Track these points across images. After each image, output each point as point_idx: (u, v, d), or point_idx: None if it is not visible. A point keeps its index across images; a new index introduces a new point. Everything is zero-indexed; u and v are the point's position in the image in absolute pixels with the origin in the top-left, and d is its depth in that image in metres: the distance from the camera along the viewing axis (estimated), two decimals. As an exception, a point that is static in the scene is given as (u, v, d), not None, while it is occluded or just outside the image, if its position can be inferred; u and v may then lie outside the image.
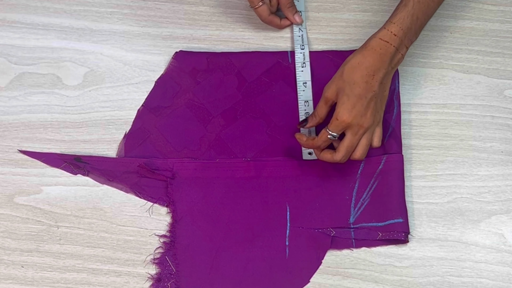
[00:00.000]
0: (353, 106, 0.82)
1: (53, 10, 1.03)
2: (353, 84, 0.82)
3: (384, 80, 0.84)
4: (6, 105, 0.97)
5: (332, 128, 0.83)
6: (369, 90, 0.82)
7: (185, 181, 0.90)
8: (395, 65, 0.85)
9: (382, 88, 0.85)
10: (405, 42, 0.85)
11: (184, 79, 0.97)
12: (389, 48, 0.83)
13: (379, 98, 0.85)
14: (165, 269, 0.86)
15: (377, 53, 0.83)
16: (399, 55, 0.85)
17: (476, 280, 0.85)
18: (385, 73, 0.84)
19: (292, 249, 0.86)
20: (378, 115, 0.85)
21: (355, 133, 0.83)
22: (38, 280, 0.86)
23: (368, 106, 0.83)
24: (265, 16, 0.96)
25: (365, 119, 0.83)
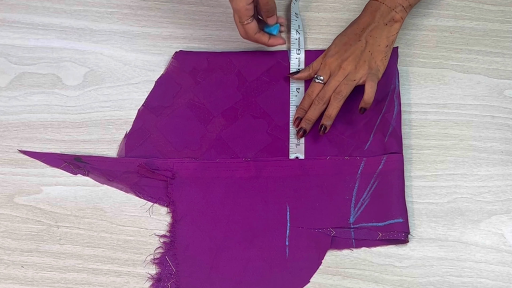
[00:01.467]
0: (336, 51, 0.92)
1: (53, 10, 1.03)
2: (344, 36, 0.93)
3: (374, 33, 0.91)
4: (6, 105, 0.97)
5: (319, 72, 0.92)
6: (355, 40, 0.92)
7: (185, 181, 0.90)
8: (388, 22, 0.91)
9: (373, 41, 0.91)
10: (399, 0, 0.92)
11: (184, 79, 0.97)
12: (379, 5, 0.92)
13: (369, 50, 0.91)
14: (165, 269, 0.86)
15: (368, 11, 0.93)
16: (392, 12, 0.92)
17: (476, 280, 0.85)
18: (375, 27, 0.91)
19: (292, 249, 0.86)
20: (366, 65, 0.90)
21: (337, 76, 0.91)
22: (38, 280, 0.86)
23: (353, 53, 0.91)
24: (251, 34, 0.92)
25: (347, 63, 0.90)
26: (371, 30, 0.91)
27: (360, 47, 0.91)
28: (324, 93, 0.91)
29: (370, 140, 0.92)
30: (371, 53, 0.91)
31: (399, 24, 0.92)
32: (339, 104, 0.90)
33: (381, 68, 0.91)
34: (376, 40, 0.91)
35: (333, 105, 0.90)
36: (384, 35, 0.92)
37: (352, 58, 0.91)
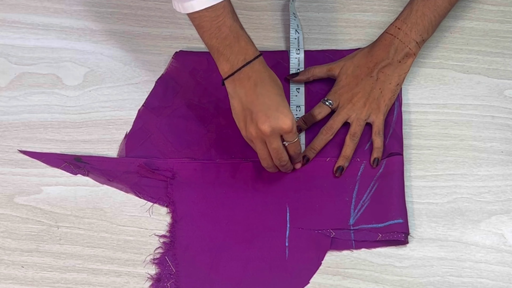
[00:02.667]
0: (347, 83, 0.91)
1: (53, 10, 1.03)
2: (357, 67, 0.91)
3: (387, 70, 0.90)
4: (6, 105, 0.97)
5: (330, 96, 0.91)
6: (367, 74, 0.90)
7: (185, 181, 0.90)
8: (402, 59, 0.90)
9: (384, 78, 0.90)
10: (412, 35, 0.90)
11: (185, 79, 0.97)
12: (392, 40, 0.91)
13: (380, 87, 0.90)
14: (165, 269, 0.86)
15: (383, 45, 0.91)
16: (405, 48, 0.90)
17: (476, 280, 0.85)
18: (388, 63, 0.90)
19: (292, 249, 0.86)
20: (375, 104, 0.90)
21: (345, 107, 0.90)
22: (38, 280, 0.86)
23: (363, 87, 0.90)
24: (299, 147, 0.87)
25: (356, 99, 0.90)
26: (383, 67, 0.90)
27: (371, 83, 0.90)
28: (333, 124, 0.90)
29: (370, 141, 0.92)
30: (381, 90, 0.90)
31: (411, 60, 0.91)
32: (355, 145, 0.90)
33: (388, 106, 0.91)
34: (387, 77, 0.90)
35: (350, 146, 0.90)
36: (396, 73, 0.91)
37: (362, 95, 0.90)
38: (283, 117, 0.81)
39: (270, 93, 0.82)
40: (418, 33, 0.90)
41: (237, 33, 0.82)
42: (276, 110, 0.81)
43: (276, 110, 0.81)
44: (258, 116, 0.81)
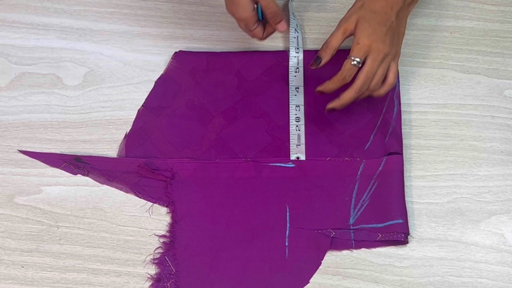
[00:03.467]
0: (373, 31, 0.85)
1: (53, 10, 1.03)
2: (374, 13, 0.86)
3: (400, 14, 0.88)
4: (6, 105, 0.97)
5: (354, 53, 0.85)
6: (388, 19, 0.86)
7: (185, 181, 0.90)
8: (410, 3, 0.89)
9: (399, 22, 0.88)
10: None
11: (184, 79, 0.97)
12: None
13: (396, 32, 0.88)
14: (165, 269, 0.86)
15: None
16: None
17: (476, 280, 0.85)
18: (401, 7, 0.87)
19: (292, 249, 0.86)
20: (395, 48, 0.88)
21: (375, 59, 0.85)
22: (38, 280, 0.86)
23: (387, 33, 0.85)
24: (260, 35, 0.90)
25: (384, 45, 0.85)
26: (398, 10, 0.88)
27: (392, 28, 0.87)
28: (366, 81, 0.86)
29: (371, 140, 0.92)
30: (398, 35, 0.89)
31: (414, 3, 0.91)
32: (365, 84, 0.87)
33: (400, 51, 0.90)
34: (401, 21, 0.89)
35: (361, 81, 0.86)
36: (406, 17, 0.90)
37: (390, 41, 0.86)
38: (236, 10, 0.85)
39: None
40: None
41: None
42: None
43: None
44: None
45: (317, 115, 0.94)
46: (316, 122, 0.93)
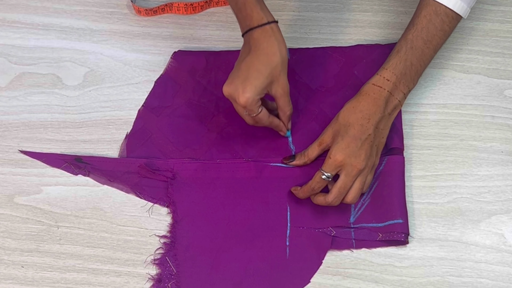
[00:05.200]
0: (347, 145, 0.82)
1: (53, 10, 1.03)
2: (348, 126, 0.84)
3: (380, 125, 0.85)
4: (6, 105, 0.97)
5: (325, 167, 0.83)
6: (364, 132, 0.83)
7: (186, 182, 0.90)
8: (392, 111, 0.86)
9: (379, 134, 0.85)
10: (400, 87, 0.86)
11: (184, 79, 0.97)
12: (382, 92, 0.85)
13: (375, 144, 0.85)
14: (166, 270, 0.86)
15: (371, 98, 0.84)
16: (395, 100, 0.86)
17: (476, 280, 0.85)
18: (381, 118, 0.84)
19: (293, 249, 0.86)
20: (372, 160, 0.84)
21: (348, 174, 0.83)
22: (38, 280, 0.86)
23: (362, 147, 0.83)
24: (265, 120, 0.87)
25: (358, 160, 0.82)
26: (377, 122, 0.84)
27: (369, 140, 0.83)
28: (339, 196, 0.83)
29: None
30: (377, 147, 0.85)
31: (397, 111, 0.87)
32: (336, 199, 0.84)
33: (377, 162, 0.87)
34: (381, 132, 0.85)
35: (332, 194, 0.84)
36: (387, 127, 0.86)
37: (365, 156, 0.83)
38: (241, 90, 0.82)
39: (251, 64, 0.82)
40: (406, 84, 0.86)
41: None
42: (242, 82, 0.82)
43: (242, 81, 0.82)
44: (228, 78, 0.84)
45: (317, 113, 0.94)
46: (316, 120, 0.93)
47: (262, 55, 0.82)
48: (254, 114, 0.85)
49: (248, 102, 0.82)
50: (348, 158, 0.82)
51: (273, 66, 0.82)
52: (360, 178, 0.83)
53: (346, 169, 0.83)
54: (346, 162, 0.82)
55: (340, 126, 0.84)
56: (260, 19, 0.82)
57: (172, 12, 1.02)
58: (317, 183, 0.84)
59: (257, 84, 0.82)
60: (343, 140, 0.83)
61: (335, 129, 0.85)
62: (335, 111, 0.93)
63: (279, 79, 0.84)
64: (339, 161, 0.82)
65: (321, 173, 0.84)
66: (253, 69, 0.82)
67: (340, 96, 0.95)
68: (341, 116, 0.85)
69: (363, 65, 0.97)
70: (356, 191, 0.84)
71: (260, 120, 0.86)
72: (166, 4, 1.01)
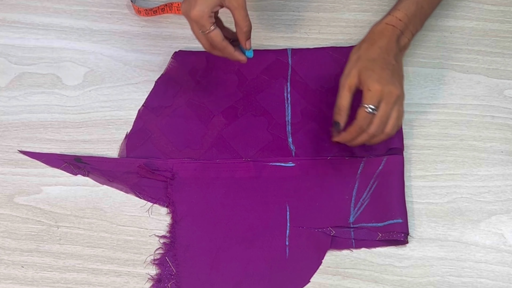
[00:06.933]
0: (380, 76, 0.83)
1: (53, 10, 1.03)
2: (373, 61, 0.84)
3: (397, 58, 0.86)
4: (6, 105, 0.97)
5: (367, 100, 0.82)
6: (389, 64, 0.84)
7: (185, 182, 0.90)
8: (402, 48, 0.88)
9: (398, 65, 0.86)
10: (410, 28, 0.88)
11: (184, 79, 0.97)
12: (395, 31, 0.86)
13: (399, 74, 0.86)
14: (165, 270, 0.86)
15: (386, 36, 0.86)
16: (405, 39, 0.87)
17: (476, 280, 0.85)
18: (396, 53, 0.86)
19: (292, 249, 0.86)
20: (402, 89, 0.85)
21: (388, 102, 0.83)
22: (38, 280, 0.86)
23: (393, 76, 0.84)
24: (218, 41, 0.85)
25: (395, 87, 0.83)
26: (395, 56, 0.86)
27: (395, 70, 0.85)
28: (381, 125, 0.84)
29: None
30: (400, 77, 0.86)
31: (404, 51, 0.89)
32: None
33: None
34: (399, 64, 0.87)
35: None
36: (401, 61, 0.88)
37: (398, 83, 0.84)
38: (193, 3, 0.81)
39: None
40: (414, 26, 0.88)
41: None
42: None
43: None
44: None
45: (317, 113, 0.94)
46: (316, 120, 0.93)
47: None
48: (207, 31, 0.83)
49: (199, 16, 0.81)
50: (386, 86, 0.82)
51: None
52: (397, 106, 0.84)
53: (386, 98, 0.83)
54: (384, 90, 0.82)
55: (364, 63, 0.84)
56: None
57: (172, 12, 1.02)
58: (363, 119, 0.83)
59: None
60: (374, 72, 0.83)
61: (359, 67, 0.84)
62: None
63: None
64: (379, 91, 0.82)
65: (364, 108, 0.83)
66: None
67: (340, 96, 0.95)
68: (362, 54, 0.85)
69: (363, 65, 0.97)
70: (395, 120, 0.84)
71: (213, 41, 0.84)
72: (166, 4, 1.01)
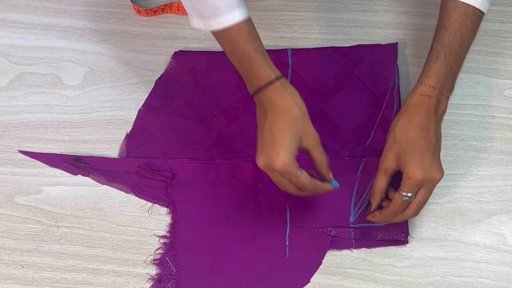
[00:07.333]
0: (420, 161, 0.80)
1: (53, 10, 1.03)
2: (412, 142, 0.81)
3: (437, 133, 0.83)
4: (6, 105, 0.97)
5: (407, 189, 0.81)
6: (430, 144, 0.81)
7: (185, 182, 0.90)
8: (440, 117, 0.84)
9: (438, 142, 0.83)
10: (445, 93, 0.84)
11: (184, 79, 0.97)
12: (431, 101, 0.82)
13: (438, 150, 0.83)
14: (165, 270, 0.86)
15: (422, 109, 0.82)
16: (442, 106, 0.84)
17: (476, 280, 0.85)
18: (436, 126, 0.82)
19: (292, 249, 0.86)
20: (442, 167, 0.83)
21: (429, 188, 0.81)
22: (38, 280, 0.86)
23: (434, 158, 0.81)
24: (308, 183, 0.81)
25: (436, 172, 0.81)
26: (435, 130, 0.82)
27: (437, 151, 0.82)
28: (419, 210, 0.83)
29: (371, 136, 0.92)
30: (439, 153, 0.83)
31: (443, 116, 0.85)
32: None
33: None
34: (439, 140, 0.83)
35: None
36: (441, 133, 0.84)
37: (439, 165, 0.81)
38: (274, 156, 0.78)
39: (273, 126, 0.80)
40: (448, 89, 0.84)
41: (250, 57, 0.80)
42: (271, 147, 0.79)
43: (271, 147, 0.79)
44: (257, 149, 0.81)
45: (317, 113, 0.94)
46: (316, 120, 0.93)
47: (280, 113, 0.80)
48: (295, 178, 0.80)
49: (285, 164, 0.78)
50: (428, 173, 0.80)
51: (294, 120, 0.80)
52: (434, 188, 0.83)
53: (427, 185, 0.81)
54: (426, 178, 0.80)
55: (402, 145, 0.81)
56: (268, 76, 0.80)
57: (172, 12, 1.02)
58: (400, 206, 0.82)
59: (287, 143, 0.79)
60: (414, 157, 0.80)
61: (397, 150, 0.82)
62: (335, 111, 0.94)
63: (306, 130, 0.81)
64: (420, 180, 0.80)
65: (402, 196, 0.81)
66: (276, 130, 0.79)
67: (340, 96, 0.95)
68: (398, 135, 0.82)
69: (363, 65, 0.97)
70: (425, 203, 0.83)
71: (303, 185, 0.81)
72: (166, 4, 1.01)
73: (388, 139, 0.83)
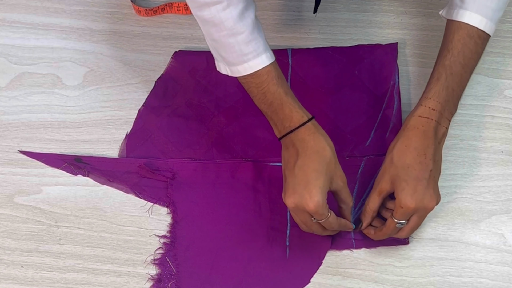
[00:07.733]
0: (414, 190, 0.79)
1: (53, 10, 1.03)
2: (407, 168, 0.80)
3: (436, 156, 0.82)
4: (6, 105, 0.97)
5: (399, 216, 0.81)
6: (426, 170, 0.80)
7: (185, 182, 0.90)
8: (441, 139, 0.83)
9: (437, 166, 0.82)
10: (445, 115, 0.83)
11: (184, 79, 0.97)
12: (430, 123, 0.82)
13: (436, 175, 0.82)
14: (166, 270, 0.86)
15: (420, 131, 0.81)
16: (442, 128, 0.83)
17: (476, 280, 0.85)
18: (435, 150, 0.81)
19: (293, 249, 0.86)
20: (438, 192, 0.82)
21: (422, 216, 0.82)
22: (38, 280, 0.86)
23: (429, 186, 0.80)
24: (335, 223, 0.82)
25: (429, 201, 0.80)
26: (433, 154, 0.81)
27: (433, 177, 0.81)
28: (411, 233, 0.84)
29: (371, 136, 0.92)
30: (439, 174, 0.83)
31: (445, 139, 0.84)
32: None
33: None
34: (438, 163, 0.83)
35: None
36: (441, 156, 0.84)
37: (434, 193, 0.80)
38: (308, 197, 0.78)
39: (306, 167, 0.79)
40: (449, 111, 0.83)
41: (281, 100, 0.81)
42: (304, 188, 0.78)
43: (304, 187, 0.78)
44: (287, 188, 0.80)
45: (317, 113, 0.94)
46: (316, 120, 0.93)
47: (313, 154, 0.80)
48: (324, 219, 0.80)
49: (319, 206, 0.78)
50: (420, 202, 0.79)
51: (327, 162, 0.80)
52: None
53: (419, 212, 0.81)
54: (418, 207, 0.80)
55: (397, 170, 0.81)
56: (301, 118, 0.81)
57: (172, 12, 1.02)
58: (392, 230, 0.82)
59: (321, 185, 0.78)
60: (408, 184, 0.79)
61: (392, 173, 0.81)
62: (335, 111, 0.94)
63: (336, 172, 0.81)
64: (412, 209, 0.79)
65: (394, 222, 0.81)
66: (310, 170, 0.79)
67: (340, 96, 0.95)
68: (396, 158, 0.81)
69: (363, 65, 0.97)
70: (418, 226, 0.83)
71: (329, 225, 0.81)
72: (166, 4, 1.01)
73: (386, 160, 0.83)
